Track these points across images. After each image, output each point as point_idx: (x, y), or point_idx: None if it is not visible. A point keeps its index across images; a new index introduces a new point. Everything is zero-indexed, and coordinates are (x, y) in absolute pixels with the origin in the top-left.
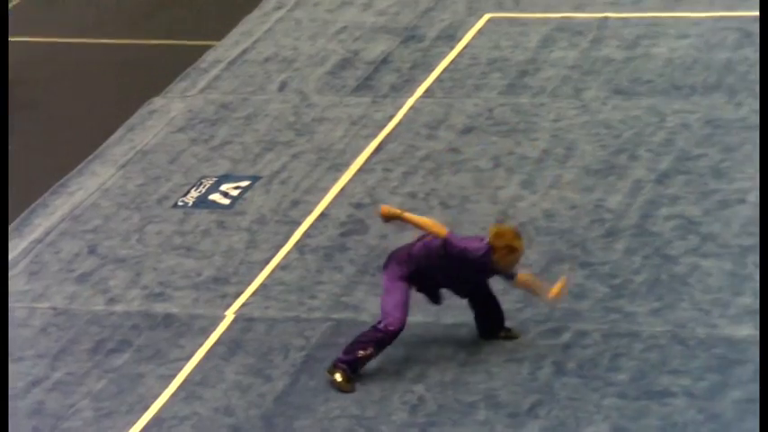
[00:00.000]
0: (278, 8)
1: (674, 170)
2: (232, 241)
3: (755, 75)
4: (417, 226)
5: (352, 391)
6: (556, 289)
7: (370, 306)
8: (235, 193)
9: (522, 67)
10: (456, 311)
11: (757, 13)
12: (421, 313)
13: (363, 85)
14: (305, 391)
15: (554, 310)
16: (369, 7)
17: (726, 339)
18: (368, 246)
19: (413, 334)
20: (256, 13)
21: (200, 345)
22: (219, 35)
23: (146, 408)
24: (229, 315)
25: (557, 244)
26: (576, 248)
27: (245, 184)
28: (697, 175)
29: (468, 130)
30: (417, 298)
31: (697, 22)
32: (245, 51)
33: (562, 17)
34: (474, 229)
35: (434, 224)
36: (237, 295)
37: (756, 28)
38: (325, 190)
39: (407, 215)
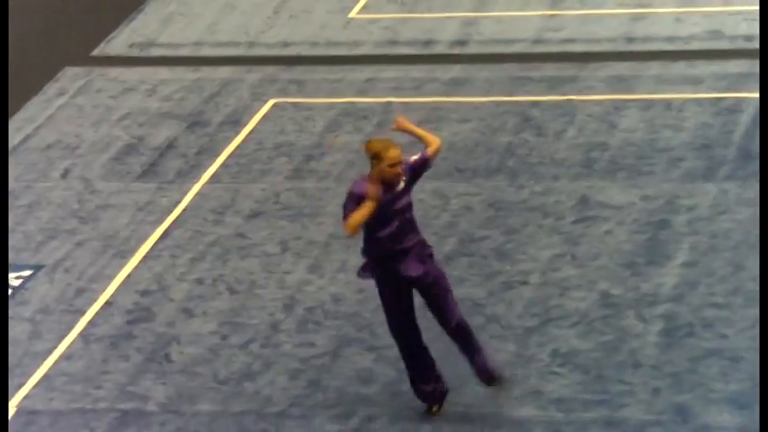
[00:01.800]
0: (60, 94)
1: (459, 252)
2: (15, 332)
3: (535, 158)
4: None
5: None
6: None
7: (157, 395)
8: (17, 282)
9: (307, 152)
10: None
11: (535, 98)
12: (207, 403)
13: (149, 171)
14: None
15: None
16: (153, 93)
17: (510, 420)
18: (155, 333)
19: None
20: (38, 99)
21: None
22: None
23: None
24: (11, 408)
25: (345, 328)
26: (364, 332)
27: (27, 273)
28: (480, 257)
29: (255, 215)
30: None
31: (477, 106)
32: (26, 138)
33: (347, 102)
34: (262, 315)
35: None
36: (20, 387)
37: (534, 112)
38: (111, 277)
39: (417, 131)
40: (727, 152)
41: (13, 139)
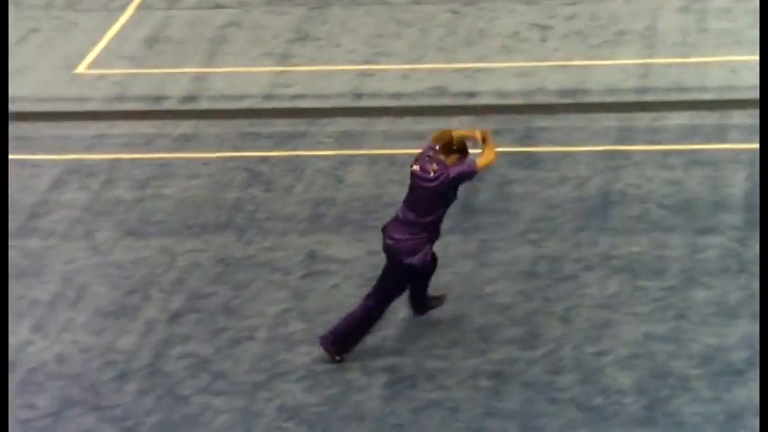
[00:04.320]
0: None
1: (187, 309)
2: None
3: (263, 213)
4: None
5: None
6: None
7: None
8: None
9: (32, 210)
10: None
11: (265, 154)
12: None
13: None
14: None
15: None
16: None
17: None
18: None
19: None
20: None
21: None
22: None
23: None
24: None
25: (68, 388)
26: (88, 392)
27: None
28: (208, 313)
29: None
30: None
31: (207, 162)
32: None
33: (73, 159)
34: None
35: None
36: None
37: (263, 168)
38: None
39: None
40: (450, 206)
41: None
